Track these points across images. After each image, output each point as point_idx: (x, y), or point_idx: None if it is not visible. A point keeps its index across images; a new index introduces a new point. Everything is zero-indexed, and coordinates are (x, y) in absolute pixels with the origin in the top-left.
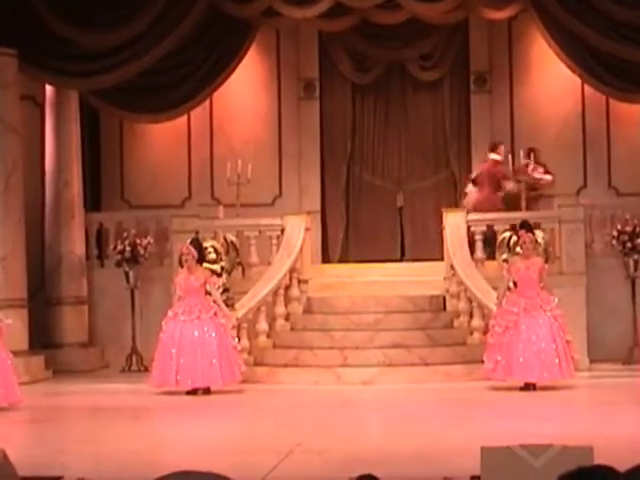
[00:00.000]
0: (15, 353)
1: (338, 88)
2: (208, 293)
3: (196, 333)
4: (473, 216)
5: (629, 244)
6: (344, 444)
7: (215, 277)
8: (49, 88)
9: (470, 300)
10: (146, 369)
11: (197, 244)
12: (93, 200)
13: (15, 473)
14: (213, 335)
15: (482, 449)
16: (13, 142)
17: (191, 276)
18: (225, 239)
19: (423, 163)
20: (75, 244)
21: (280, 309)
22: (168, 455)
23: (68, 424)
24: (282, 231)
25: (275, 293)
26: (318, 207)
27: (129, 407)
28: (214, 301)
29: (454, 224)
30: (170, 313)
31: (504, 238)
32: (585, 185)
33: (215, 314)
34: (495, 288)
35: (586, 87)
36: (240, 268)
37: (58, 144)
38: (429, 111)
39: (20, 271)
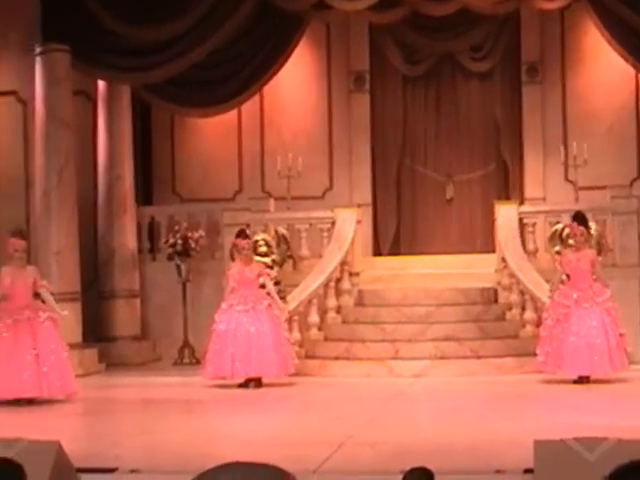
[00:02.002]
0: (69, 346)
1: (388, 80)
2: (262, 286)
3: (251, 325)
4: (525, 208)
5: None
6: (396, 437)
7: (269, 269)
8: (101, 83)
9: (522, 292)
10: (198, 362)
11: (245, 237)
12: (145, 194)
13: (70, 464)
14: (267, 327)
15: (535, 442)
16: (66, 137)
17: (246, 268)
18: (276, 232)
19: (473, 154)
20: (127, 238)
21: (331, 302)
22: (220, 447)
23: (121, 416)
24: (333, 224)
25: (326, 286)
26: (369, 199)
27: (182, 400)
28: (268, 293)
29: (506, 216)
30: (224, 305)
31: (556, 230)
32: (639, 176)
33: (269, 306)
34: (548, 280)
35: None
36: (291, 261)
37: (110, 139)
38: (480, 102)
39: (73, 265)
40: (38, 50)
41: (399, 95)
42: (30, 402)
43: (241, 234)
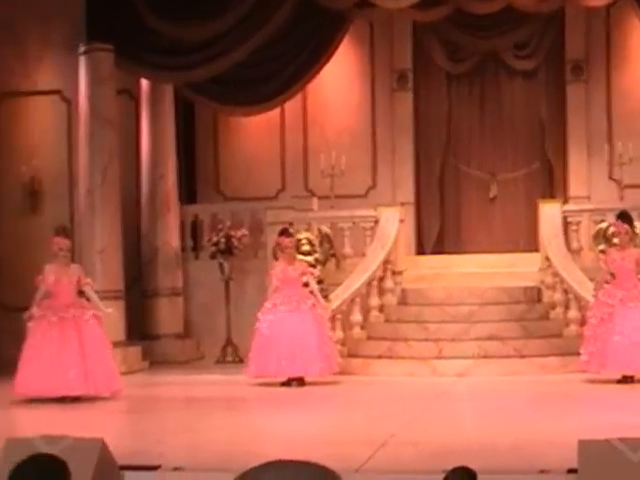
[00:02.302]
0: (113, 344)
1: (432, 78)
2: (305, 284)
3: (295, 324)
4: (569, 206)
5: None
6: (438, 436)
7: (312, 268)
8: (144, 82)
9: (566, 291)
10: (241, 360)
11: (288, 235)
12: (188, 192)
13: (114, 462)
14: (312, 326)
15: (579, 442)
16: (110, 136)
17: (289, 267)
18: (319, 231)
19: (517, 153)
20: (171, 236)
21: (374, 301)
22: (264, 446)
23: (165, 414)
24: (376, 222)
25: (369, 285)
26: (412, 198)
27: (225, 398)
28: (311, 292)
29: (549, 214)
30: (268, 304)
31: (601, 229)
32: None
33: (313, 305)
34: (592, 279)
35: None
36: (334, 260)
37: (154, 137)
38: (524, 100)
39: (117, 263)
40: (82, 49)
41: (443, 93)
42: (75, 400)
43: (284, 233)
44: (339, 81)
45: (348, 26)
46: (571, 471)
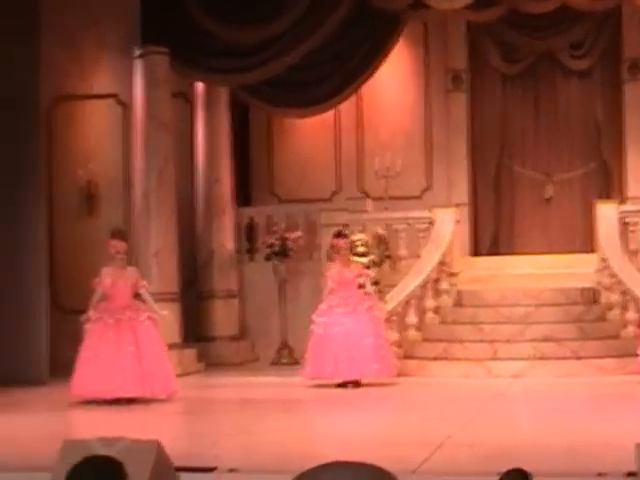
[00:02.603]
0: (168, 346)
1: (487, 79)
2: (360, 286)
3: (351, 326)
4: (627, 207)
5: None
6: (494, 438)
7: (367, 270)
8: (199, 85)
9: (624, 293)
10: (296, 362)
11: (343, 237)
12: (243, 195)
13: (170, 463)
14: (368, 328)
15: (638, 445)
16: (165, 139)
17: (345, 269)
18: (374, 232)
19: (573, 153)
20: (226, 239)
21: (429, 302)
22: (319, 447)
23: (220, 416)
24: (431, 224)
25: (424, 286)
26: (467, 199)
27: (280, 400)
28: (367, 294)
29: (606, 215)
30: (323, 306)
31: None
32: None
33: (369, 307)
34: None
35: None
36: (389, 261)
37: (209, 140)
38: (579, 100)
39: (172, 265)
40: (137, 53)
41: (497, 94)
42: (131, 401)
43: (339, 234)
44: (394, 82)
45: (402, 27)
46: (630, 474)
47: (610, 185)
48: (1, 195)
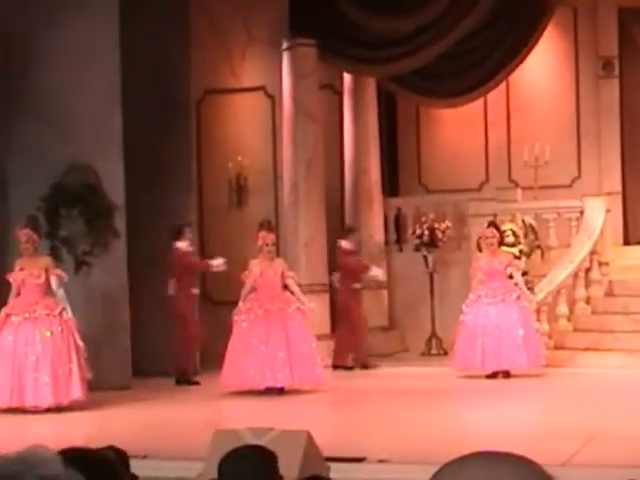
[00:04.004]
0: (318, 337)
1: (638, 65)
2: (510, 276)
3: (500, 317)
4: None
5: None
6: None
7: (517, 260)
8: (347, 76)
9: None
10: (445, 353)
11: (497, 228)
12: (391, 185)
13: (320, 453)
14: (517, 319)
15: None
16: (314, 130)
17: (494, 259)
18: (523, 222)
19: None
20: (374, 229)
21: (580, 292)
22: (467, 438)
23: (369, 407)
24: (581, 213)
25: (575, 276)
26: (619, 188)
27: (429, 390)
28: (516, 284)
29: None
30: (472, 296)
31: None
32: None
33: (519, 297)
34: None
35: None
36: (539, 251)
37: (356, 131)
38: None
39: (321, 256)
40: (285, 45)
41: None
42: (280, 391)
43: (490, 225)
44: (542, 70)
45: (551, 14)
46: None
47: None
48: (153, 188)
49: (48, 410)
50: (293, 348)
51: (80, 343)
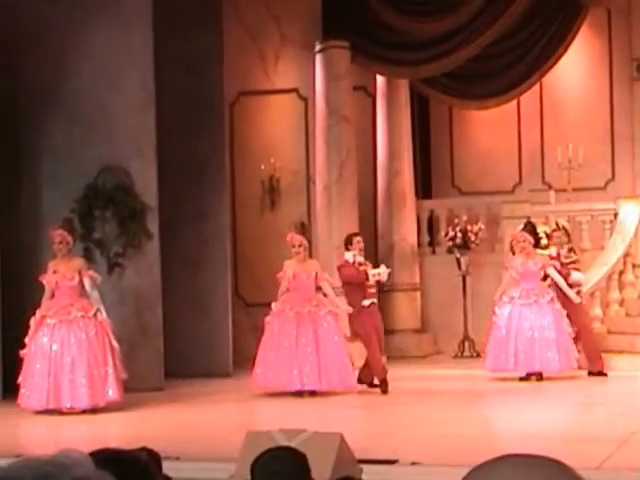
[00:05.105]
0: (348, 338)
1: None
2: (544, 278)
3: (533, 319)
4: None
5: None
6: None
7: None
8: (380, 78)
9: None
10: (478, 355)
11: (531, 229)
12: (424, 187)
13: (352, 455)
14: (551, 320)
15: None
16: (346, 132)
17: (529, 261)
18: (557, 224)
19: None
20: (407, 231)
21: (614, 294)
22: (499, 441)
23: (401, 409)
24: (615, 215)
25: (609, 278)
26: None
27: (462, 392)
28: (549, 286)
29: None
30: (505, 298)
31: None
32: None
33: (552, 299)
34: None
35: None
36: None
37: (389, 133)
38: None
39: None
40: (318, 47)
41: None
42: (311, 394)
43: (525, 227)
44: (576, 71)
45: (585, 15)
46: None
47: None
48: (187, 190)
49: (84, 412)
50: (322, 352)
51: (115, 344)
